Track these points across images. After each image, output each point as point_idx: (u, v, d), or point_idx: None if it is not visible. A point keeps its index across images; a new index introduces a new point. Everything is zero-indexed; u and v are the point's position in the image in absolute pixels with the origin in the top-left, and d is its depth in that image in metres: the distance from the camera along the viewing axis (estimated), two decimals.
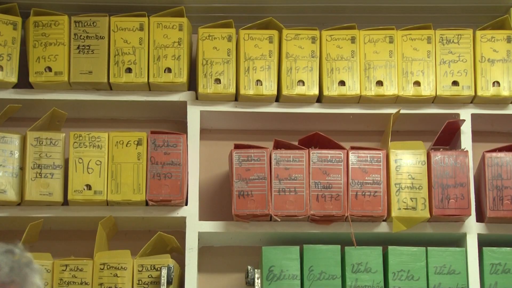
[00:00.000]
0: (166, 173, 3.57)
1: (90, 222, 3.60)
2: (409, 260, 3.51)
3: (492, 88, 3.66)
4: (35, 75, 3.65)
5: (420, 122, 3.79)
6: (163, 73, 3.66)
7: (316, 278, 3.50)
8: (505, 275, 3.51)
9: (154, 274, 3.47)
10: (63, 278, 3.46)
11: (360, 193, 3.53)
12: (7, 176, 3.53)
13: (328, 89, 3.65)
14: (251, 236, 3.67)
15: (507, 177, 3.55)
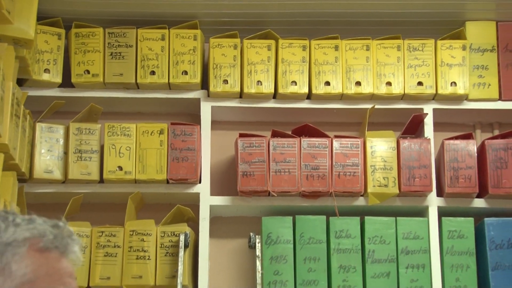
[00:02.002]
0: (183, 157, 3.60)
1: (121, 197, 3.62)
2: (382, 227, 3.55)
3: (450, 88, 3.69)
4: (76, 77, 3.68)
5: (391, 116, 3.81)
6: (181, 75, 3.69)
7: (306, 243, 3.54)
8: (460, 239, 3.54)
9: (174, 239, 3.51)
10: (99, 242, 3.50)
11: (342, 173, 3.57)
12: (53, 159, 3.58)
13: (316, 88, 3.69)
14: (252, 208, 3.71)
15: (461, 160, 3.58)
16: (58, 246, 1.22)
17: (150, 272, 3.49)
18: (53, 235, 1.22)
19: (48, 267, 1.20)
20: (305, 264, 3.53)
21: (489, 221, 3.56)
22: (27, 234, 1.19)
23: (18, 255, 1.17)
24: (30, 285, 1.17)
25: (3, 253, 1.16)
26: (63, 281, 1.22)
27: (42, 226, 1.22)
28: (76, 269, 3.31)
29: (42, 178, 3.57)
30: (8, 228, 1.18)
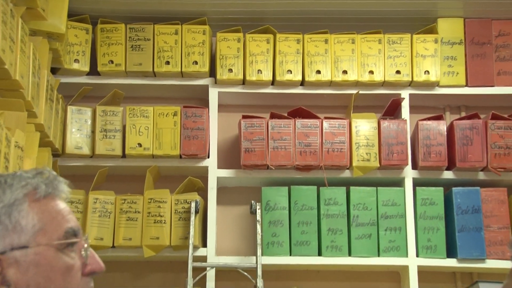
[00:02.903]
0: (194, 135, 3.60)
1: (140, 169, 3.63)
2: (365, 196, 3.56)
3: (424, 75, 3.68)
4: (101, 66, 3.68)
5: (373, 100, 3.79)
6: (192, 65, 3.68)
7: (299, 209, 3.55)
8: (431, 206, 3.55)
9: (186, 206, 3.52)
10: (122, 208, 3.51)
11: (330, 150, 3.57)
12: (82, 137, 3.58)
13: (308, 76, 3.68)
14: (254, 179, 3.70)
15: (433, 138, 3.59)
16: (51, 192, 1.22)
17: (166, 234, 3.49)
18: (44, 184, 1.21)
19: (50, 212, 1.20)
20: (299, 227, 3.54)
21: (456, 190, 3.57)
22: (23, 191, 1.19)
23: (23, 211, 1.16)
24: (42, 232, 1.17)
25: (10, 214, 1.16)
26: (66, 218, 1.22)
27: (32, 179, 1.21)
28: (101, 233, 3.37)
29: (72, 153, 3.58)
30: (5, 191, 1.17)
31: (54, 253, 1.16)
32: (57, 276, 1.15)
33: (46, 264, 1.15)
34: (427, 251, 3.53)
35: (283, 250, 3.51)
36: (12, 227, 1.15)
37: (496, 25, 3.80)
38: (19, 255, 1.13)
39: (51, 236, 1.17)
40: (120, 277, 3.69)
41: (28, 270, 1.13)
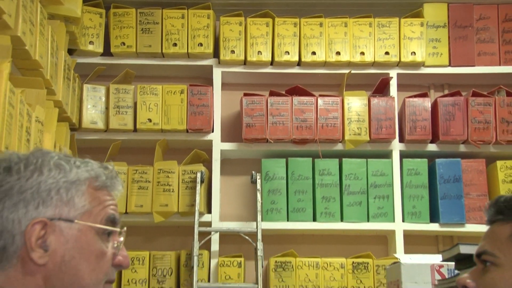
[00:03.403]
0: (199, 111, 3.60)
1: (150, 143, 3.63)
2: (356, 167, 3.56)
3: (410, 56, 3.68)
4: (114, 47, 3.66)
5: (364, 79, 3.78)
6: (197, 47, 3.66)
7: (296, 179, 3.56)
8: (416, 176, 3.56)
9: (192, 176, 3.53)
10: (134, 178, 3.52)
11: (325, 125, 3.57)
12: (97, 113, 3.58)
13: (304, 57, 3.66)
14: (254, 152, 3.70)
15: (419, 114, 3.59)
16: (108, 185, 1.24)
17: (174, 201, 3.50)
18: (105, 176, 1.24)
19: (101, 200, 1.22)
20: (295, 196, 3.55)
21: (439, 161, 3.58)
22: (86, 174, 1.21)
23: (80, 191, 1.18)
24: (88, 213, 1.18)
25: (69, 189, 1.17)
26: (111, 207, 1.24)
27: (97, 168, 1.24)
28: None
29: (88, 128, 3.58)
30: (72, 169, 1.19)
31: (93, 235, 1.18)
32: (91, 257, 1.16)
33: (85, 242, 1.16)
34: (412, 217, 3.54)
35: (281, 216, 3.52)
36: (66, 201, 1.16)
37: (477, 9, 3.78)
38: (64, 226, 1.15)
39: (95, 219, 1.19)
40: (132, 241, 3.69)
41: (67, 242, 1.15)
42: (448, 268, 2.36)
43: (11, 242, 1.12)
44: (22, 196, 1.13)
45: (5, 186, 1.14)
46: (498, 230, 1.23)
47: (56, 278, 1.13)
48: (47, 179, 1.15)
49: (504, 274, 1.19)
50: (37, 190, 1.14)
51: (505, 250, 1.20)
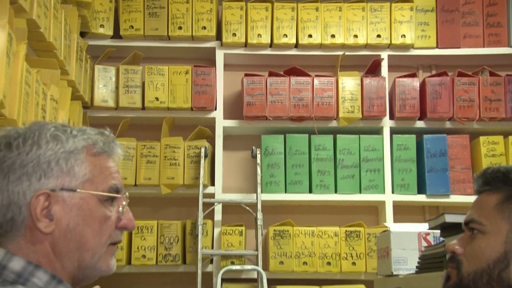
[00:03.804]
0: (203, 91, 3.58)
1: (157, 120, 3.62)
2: (349, 142, 3.56)
3: (401, 39, 3.66)
4: (123, 30, 3.64)
5: (357, 60, 3.76)
6: (201, 30, 3.64)
7: (293, 154, 3.56)
8: (405, 150, 3.56)
9: (197, 151, 3.52)
10: (142, 152, 3.51)
11: (320, 103, 3.56)
12: (108, 92, 3.57)
13: (301, 39, 3.64)
14: (254, 129, 3.70)
15: (408, 93, 3.58)
16: (106, 151, 1.21)
17: (180, 174, 3.50)
18: (102, 142, 1.20)
19: (101, 167, 1.19)
20: (293, 169, 3.55)
21: (427, 137, 3.58)
22: (84, 143, 1.18)
23: (79, 160, 1.15)
24: (90, 182, 1.16)
25: (68, 159, 1.15)
26: (113, 176, 1.21)
27: (93, 135, 1.21)
28: (125, 173, 3.39)
29: (100, 106, 3.57)
30: (69, 139, 1.16)
31: (96, 202, 1.16)
32: (94, 222, 1.15)
33: (87, 209, 1.15)
34: (401, 189, 3.55)
35: (279, 188, 3.53)
36: (67, 171, 1.14)
37: None
38: (66, 196, 1.13)
39: (97, 187, 1.17)
40: (141, 211, 3.71)
41: (71, 210, 1.14)
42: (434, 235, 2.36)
43: (18, 213, 1.11)
44: (24, 170, 1.12)
45: (8, 162, 1.13)
46: (485, 200, 1.23)
47: (63, 244, 1.13)
48: (45, 152, 1.13)
49: (490, 240, 1.19)
50: (38, 163, 1.12)
51: (491, 219, 1.20)
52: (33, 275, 1.09)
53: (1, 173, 1.12)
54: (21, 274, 1.09)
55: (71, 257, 1.14)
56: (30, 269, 1.09)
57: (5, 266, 1.09)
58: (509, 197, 1.19)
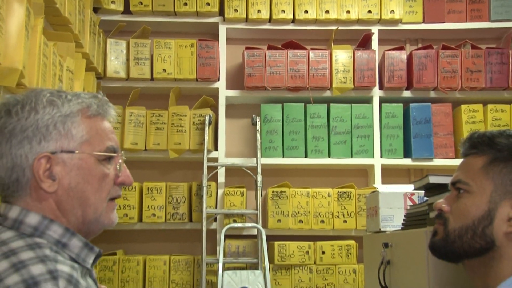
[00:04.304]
0: (207, 63, 3.55)
1: (165, 90, 3.60)
2: (342, 111, 3.54)
3: (390, 14, 3.61)
4: (133, 6, 3.59)
5: (349, 34, 3.71)
6: (205, 6, 3.59)
7: (290, 121, 3.54)
8: (393, 118, 3.55)
9: (201, 118, 3.51)
10: (151, 120, 3.50)
11: (315, 74, 3.53)
12: (119, 64, 3.53)
13: (298, 15, 3.60)
14: (254, 98, 3.67)
15: (396, 65, 3.56)
16: (100, 112, 1.20)
17: (186, 140, 3.50)
18: (96, 105, 1.19)
19: (97, 129, 1.18)
20: (290, 136, 3.54)
21: (413, 106, 3.56)
22: (78, 106, 1.17)
23: (75, 122, 1.15)
24: (87, 143, 1.16)
25: (65, 122, 1.14)
26: (109, 136, 1.20)
27: (87, 99, 1.19)
28: (136, 139, 3.37)
29: (112, 77, 3.54)
30: (64, 103, 1.15)
31: (94, 162, 1.16)
32: (93, 180, 1.15)
33: (86, 169, 1.15)
34: (388, 153, 3.55)
35: (277, 153, 3.52)
36: (65, 134, 1.14)
37: None
38: (66, 157, 1.13)
39: (94, 148, 1.16)
40: (151, 174, 3.72)
41: (71, 170, 1.14)
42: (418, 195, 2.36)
43: (22, 175, 1.12)
44: (25, 134, 1.11)
45: (9, 127, 1.12)
46: (471, 162, 1.22)
47: (66, 201, 1.13)
48: (43, 116, 1.13)
49: (475, 199, 1.18)
50: (36, 127, 1.12)
51: (476, 180, 1.19)
52: (48, 229, 1.10)
53: (4, 138, 1.12)
54: (37, 227, 1.10)
55: (75, 213, 1.14)
56: (46, 223, 1.10)
57: (22, 221, 1.10)
58: (493, 159, 1.19)
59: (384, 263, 2.17)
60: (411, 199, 2.37)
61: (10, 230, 1.08)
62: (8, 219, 1.10)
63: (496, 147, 1.19)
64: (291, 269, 3.39)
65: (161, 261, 3.40)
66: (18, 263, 1.00)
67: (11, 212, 1.11)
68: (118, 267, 3.38)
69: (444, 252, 1.20)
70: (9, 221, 1.10)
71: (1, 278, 0.98)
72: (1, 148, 1.12)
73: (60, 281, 0.99)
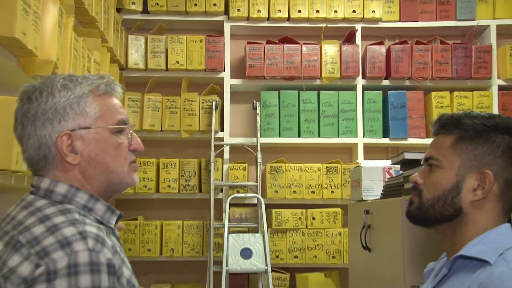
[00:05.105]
0: (214, 55, 3.53)
1: (178, 79, 3.59)
2: (330, 97, 3.53)
3: (371, 14, 3.58)
4: (150, 7, 3.56)
5: (336, 31, 3.69)
6: (212, 6, 3.56)
7: (285, 106, 3.53)
8: (374, 103, 3.54)
9: (209, 104, 3.49)
10: (166, 105, 3.49)
11: (307, 65, 3.51)
12: (139, 57, 3.51)
13: (292, 14, 3.57)
14: (255, 86, 3.65)
15: (376, 57, 3.54)
16: (109, 91, 1.18)
17: (196, 122, 3.49)
18: (104, 84, 1.17)
19: (108, 105, 1.17)
20: (285, 118, 3.53)
21: (391, 93, 3.55)
22: (89, 87, 1.15)
23: (88, 102, 1.14)
24: (101, 118, 1.15)
25: (79, 103, 1.13)
26: (119, 111, 1.19)
27: (96, 80, 1.18)
28: (153, 121, 3.37)
29: (132, 68, 3.52)
30: (76, 86, 1.14)
31: (108, 134, 1.15)
32: (110, 150, 1.15)
33: (103, 141, 1.14)
34: (369, 133, 3.55)
35: (275, 133, 3.52)
36: (80, 113, 1.13)
37: None
38: (84, 133, 1.13)
39: (107, 122, 1.16)
40: (166, 151, 3.72)
41: (90, 143, 1.13)
42: (395, 169, 2.38)
43: (48, 152, 1.12)
44: (46, 117, 1.11)
45: (31, 112, 1.12)
46: (441, 140, 1.22)
47: (89, 171, 1.13)
48: (59, 99, 1.12)
49: (445, 173, 1.19)
50: (55, 109, 1.11)
51: (446, 156, 1.19)
52: (75, 196, 1.11)
53: (28, 121, 1.12)
54: (66, 195, 1.10)
55: (99, 179, 1.14)
56: (73, 191, 1.11)
57: (52, 190, 1.10)
58: (461, 138, 1.19)
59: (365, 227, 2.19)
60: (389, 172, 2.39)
61: (43, 199, 1.09)
62: (41, 189, 1.11)
63: (462, 127, 1.19)
64: (286, 233, 3.41)
65: (175, 226, 3.42)
66: (53, 227, 1.01)
67: (43, 183, 1.11)
68: (139, 230, 3.40)
69: (419, 219, 1.21)
70: (42, 191, 1.11)
71: (39, 240, 0.99)
72: (27, 130, 1.12)
73: (88, 240, 1.00)
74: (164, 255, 3.40)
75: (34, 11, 1.76)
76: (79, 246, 0.98)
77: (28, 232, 1.01)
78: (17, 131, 1.14)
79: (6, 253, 1.00)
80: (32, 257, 0.97)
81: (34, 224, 1.02)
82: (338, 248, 3.38)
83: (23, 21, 1.66)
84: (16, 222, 1.05)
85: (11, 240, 1.01)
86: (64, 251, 0.97)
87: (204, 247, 3.42)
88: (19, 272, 0.96)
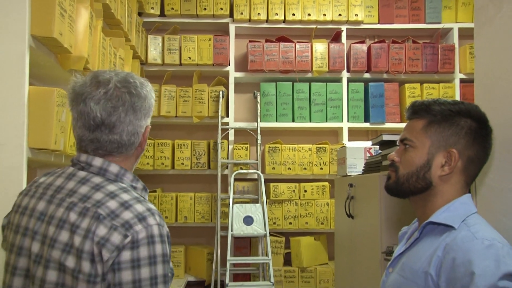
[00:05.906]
0: (221, 52, 3.51)
1: (190, 72, 3.57)
2: (319, 88, 3.51)
3: (355, 17, 3.56)
4: (167, 11, 3.53)
5: (325, 31, 3.66)
6: (219, 10, 3.54)
7: (281, 95, 3.52)
8: (357, 93, 3.53)
9: (216, 93, 3.48)
10: (180, 94, 3.46)
11: (300, 61, 3.49)
12: (157, 53, 3.49)
13: (287, 17, 3.54)
14: (256, 78, 3.63)
15: (359, 54, 3.52)
16: None
17: (205, 109, 3.48)
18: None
19: None
20: (281, 106, 3.52)
21: (371, 84, 3.54)
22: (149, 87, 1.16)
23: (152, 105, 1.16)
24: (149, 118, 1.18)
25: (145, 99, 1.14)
26: None
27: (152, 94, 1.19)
28: (169, 108, 3.37)
29: (151, 63, 3.51)
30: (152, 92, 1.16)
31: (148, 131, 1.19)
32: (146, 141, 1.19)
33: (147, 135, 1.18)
34: (353, 119, 3.54)
35: (272, 119, 3.52)
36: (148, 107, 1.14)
37: None
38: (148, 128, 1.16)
39: None
40: (180, 134, 3.73)
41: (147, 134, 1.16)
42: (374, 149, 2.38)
43: (137, 139, 1.13)
44: (144, 111, 1.13)
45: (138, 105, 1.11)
46: (414, 124, 1.22)
47: (136, 154, 1.16)
48: (151, 100, 1.15)
49: (418, 152, 1.19)
50: (148, 107, 1.14)
51: (418, 137, 1.20)
52: (124, 176, 1.11)
53: (133, 112, 1.11)
54: (117, 174, 1.10)
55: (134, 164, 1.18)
56: (122, 171, 1.11)
57: (106, 169, 1.10)
58: (430, 122, 1.19)
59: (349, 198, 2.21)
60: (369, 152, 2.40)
61: (97, 176, 1.08)
62: (93, 166, 1.09)
63: (431, 112, 1.18)
64: (282, 203, 3.43)
65: (188, 197, 3.44)
66: (124, 203, 1.02)
67: (94, 161, 1.10)
68: (158, 201, 3.43)
69: (396, 191, 1.22)
70: (94, 168, 1.09)
71: (117, 213, 1.00)
72: (130, 118, 1.11)
73: (156, 216, 1.03)
74: (179, 222, 3.43)
75: (69, 15, 1.75)
76: (151, 220, 1.01)
77: (105, 206, 1.01)
78: (115, 115, 1.09)
79: (88, 223, 1.00)
80: (119, 229, 0.98)
81: (105, 199, 1.02)
82: (326, 216, 3.41)
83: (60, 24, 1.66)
84: (82, 195, 1.04)
85: (87, 212, 1.01)
86: (142, 225, 0.99)
87: (213, 215, 3.45)
88: (112, 241, 0.98)
